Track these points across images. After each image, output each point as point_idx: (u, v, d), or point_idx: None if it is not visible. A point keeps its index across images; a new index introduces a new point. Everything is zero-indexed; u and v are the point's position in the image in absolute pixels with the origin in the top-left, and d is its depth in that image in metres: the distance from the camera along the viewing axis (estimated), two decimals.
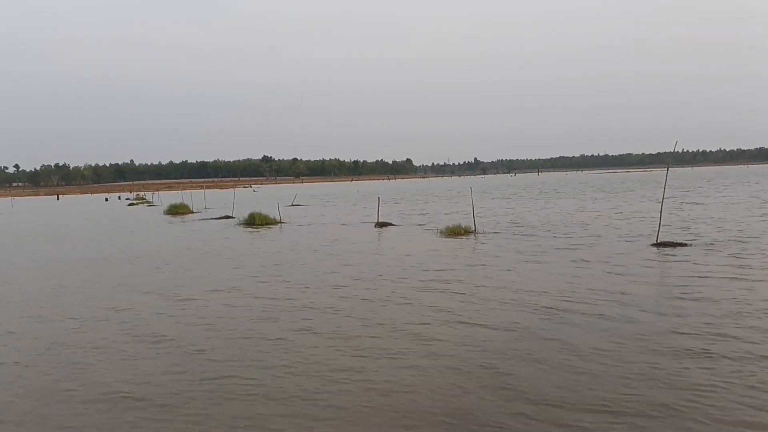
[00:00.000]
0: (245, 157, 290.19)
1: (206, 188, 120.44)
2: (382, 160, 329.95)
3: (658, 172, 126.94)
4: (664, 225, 16.34)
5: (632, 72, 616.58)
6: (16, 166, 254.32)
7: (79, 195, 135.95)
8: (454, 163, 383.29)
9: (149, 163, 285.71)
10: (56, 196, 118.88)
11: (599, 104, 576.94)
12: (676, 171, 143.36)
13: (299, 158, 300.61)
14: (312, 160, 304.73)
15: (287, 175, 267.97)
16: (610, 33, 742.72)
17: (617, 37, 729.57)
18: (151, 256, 17.19)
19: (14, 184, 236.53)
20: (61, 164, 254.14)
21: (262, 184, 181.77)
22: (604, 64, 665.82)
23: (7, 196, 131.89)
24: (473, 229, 20.03)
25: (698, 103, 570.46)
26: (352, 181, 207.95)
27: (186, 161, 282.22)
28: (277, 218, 27.83)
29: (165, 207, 42.28)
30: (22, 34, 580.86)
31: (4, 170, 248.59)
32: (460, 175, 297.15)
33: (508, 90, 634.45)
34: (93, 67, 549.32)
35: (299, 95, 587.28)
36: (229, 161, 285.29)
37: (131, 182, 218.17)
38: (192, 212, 38.77)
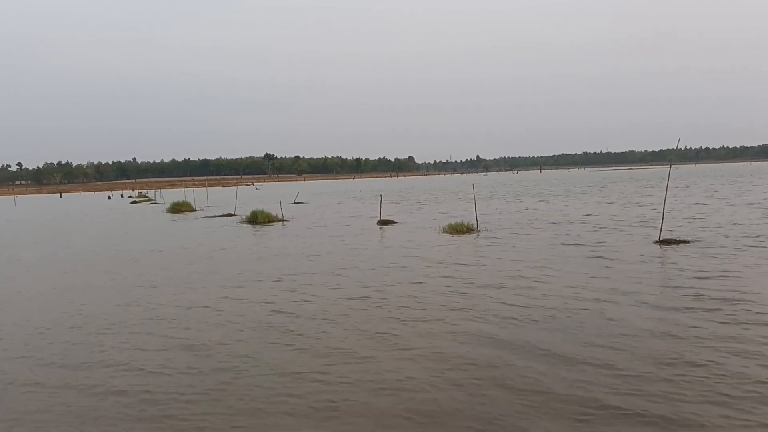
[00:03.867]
0: (248, 155, 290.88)
1: (209, 186, 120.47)
2: (384, 157, 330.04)
3: (661, 170, 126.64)
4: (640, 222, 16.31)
5: (635, 69, 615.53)
6: (19, 164, 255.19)
7: (82, 193, 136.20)
8: (456, 161, 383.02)
9: (152, 161, 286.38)
10: (59, 194, 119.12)
11: (602, 101, 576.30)
12: (679, 168, 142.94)
13: (301, 156, 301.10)
14: (314, 157, 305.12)
15: (289, 173, 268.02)
16: (613, 29, 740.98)
17: (620, 34, 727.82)
18: (160, 254, 17.27)
19: (17, 183, 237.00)
20: (63, 162, 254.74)
21: (264, 181, 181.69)
22: (606, 61, 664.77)
23: (10, 194, 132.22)
24: (476, 226, 20.05)
25: (701, 100, 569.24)
26: (354, 178, 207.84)
27: (188, 159, 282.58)
28: (280, 216, 27.87)
29: (168, 205, 42.36)
30: (25, 32, 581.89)
31: (6, 168, 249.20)
32: (462, 173, 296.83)
33: (510, 87, 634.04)
34: (95, 65, 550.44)
35: (302, 92, 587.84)
36: (232, 159, 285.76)
37: (134, 180, 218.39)
38: (194, 210, 38.84)
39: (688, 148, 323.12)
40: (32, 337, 8.49)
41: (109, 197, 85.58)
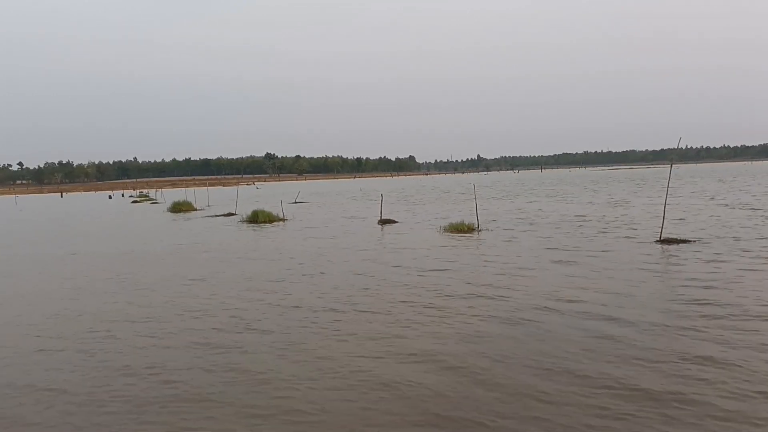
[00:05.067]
0: (248, 155, 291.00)
1: (210, 185, 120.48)
2: (385, 157, 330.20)
3: (662, 169, 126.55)
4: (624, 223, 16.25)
5: (635, 68, 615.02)
6: (20, 163, 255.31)
7: (83, 192, 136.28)
8: (457, 160, 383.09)
9: (152, 161, 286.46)
10: (60, 194, 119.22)
11: (602, 101, 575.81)
12: (680, 167, 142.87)
13: (302, 155, 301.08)
14: (315, 157, 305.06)
15: (290, 173, 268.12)
16: (613, 28, 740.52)
17: (620, 34, 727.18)
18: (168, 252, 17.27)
19: (18, 182, 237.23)
20: (64, 162, 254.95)
21: (265, 181, 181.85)
22: (606, 61, 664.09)
23: (11, 193, 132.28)
24: (476, 225, 20.03)
25: (702, 99, 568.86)
26: (355, 178, 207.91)
27: (189, 159, 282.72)
28: (280, 215, 27.86)
29: (169, 204, 42.37)
30: (25, 32, 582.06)
31: (7, 168, 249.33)
32: (463, 172, 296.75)
33: (510, 87, 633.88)
34: (96, 64, 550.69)
35: (303, 92, 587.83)
36: (233, 159, 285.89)
37: (135, 180, 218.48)
38: (195, 209, 38.86)
39: (689, 147, 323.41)
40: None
41: (110, 197, 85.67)
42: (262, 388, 6.06)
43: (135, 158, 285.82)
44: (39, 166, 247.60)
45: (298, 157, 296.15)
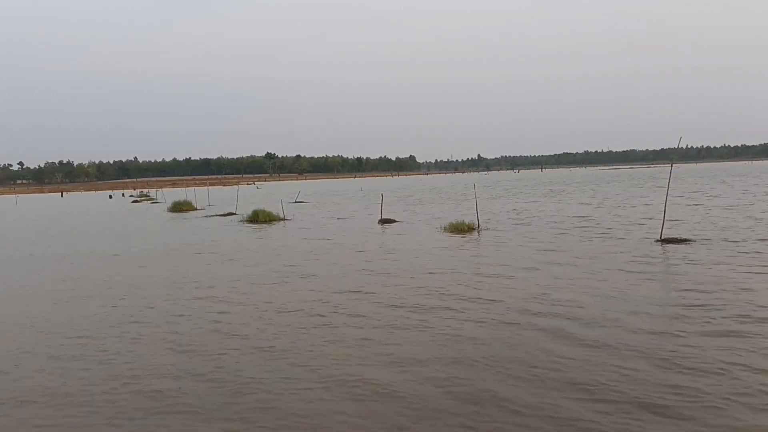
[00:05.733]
0: (249, 154, 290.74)
1: (210, 185, 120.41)
2: (385, 156, 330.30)
3: (662, 168, 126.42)
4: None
5: (635, 68, 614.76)
6: (20, 163, 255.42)
7: (84, 192, 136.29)
8: (457, 160, 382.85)
9: (153, 161, 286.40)
10: (60, 194, 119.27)
11: (602, 100, 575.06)
12: (680, 167, 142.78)
13: (302, 155, 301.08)
14: (315, 156, 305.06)
15: (290, 172, 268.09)
16: (613, 28, 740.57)
17: (620, 34, 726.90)
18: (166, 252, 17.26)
19: (18, 182, 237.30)
20: (65, 161, 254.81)
21: (265, 181, 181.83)
22: (607, 61, 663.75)
23: (11, 193, 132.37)
24: (476, 225, 20.01)
25: (703, 98, 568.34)
26: (355, 177, 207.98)
27: (189, 158, 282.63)
28: (281, 215, 27.86)
29: (169, 204, 42.37)
30: (25, 32, 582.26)
31: (8, 168, 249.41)
32: (463, 172, 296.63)
33: (511, 86, 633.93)
34: (96, 64, 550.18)
35: (303, 92, 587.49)
36: (233, 158, 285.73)
37: (135, 179, 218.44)
38: (196, 209, 38.86)
39: (689, 147, 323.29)
40: None
41: (110, 197, 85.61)
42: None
43: (135, 158, 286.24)
44: (39, 166, 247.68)
45: (298, 156, 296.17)
